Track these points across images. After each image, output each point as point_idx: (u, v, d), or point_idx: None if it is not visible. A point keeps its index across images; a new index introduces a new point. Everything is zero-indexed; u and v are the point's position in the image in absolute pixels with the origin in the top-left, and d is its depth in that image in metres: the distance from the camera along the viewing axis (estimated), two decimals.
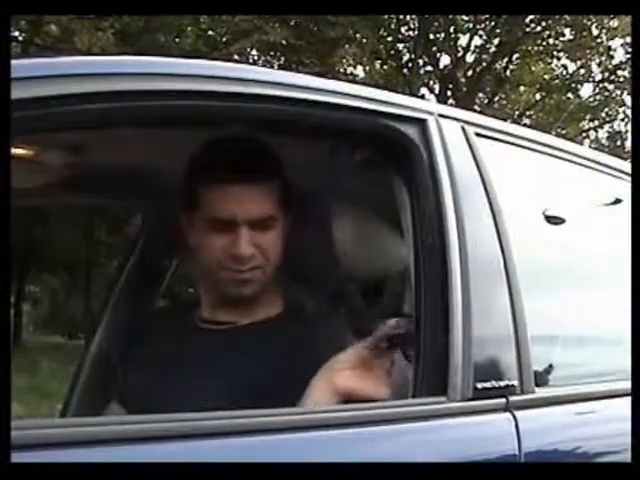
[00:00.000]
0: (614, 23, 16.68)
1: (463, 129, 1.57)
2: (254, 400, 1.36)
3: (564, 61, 18.30)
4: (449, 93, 17.23)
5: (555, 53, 18.11)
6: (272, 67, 14.58)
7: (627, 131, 18.82)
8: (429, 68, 17.79)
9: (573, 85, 18.60)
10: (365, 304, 1.63)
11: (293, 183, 1.59)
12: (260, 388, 1.42)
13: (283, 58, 15.76)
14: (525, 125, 16.14)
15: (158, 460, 1.06)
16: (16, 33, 13.90)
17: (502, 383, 1.41)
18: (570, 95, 18.96)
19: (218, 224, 1.52)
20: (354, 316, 1.49)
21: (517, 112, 19.46)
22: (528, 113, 19.79)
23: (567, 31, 17.33)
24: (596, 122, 20.03)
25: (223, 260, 1.54)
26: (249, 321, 1.58)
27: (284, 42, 14.01)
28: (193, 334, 1.61)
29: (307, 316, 1.59)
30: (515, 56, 18.06)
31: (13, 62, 1.09)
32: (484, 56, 17.57)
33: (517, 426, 1.39)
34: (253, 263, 1.54)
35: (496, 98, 19.16)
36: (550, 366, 1.64)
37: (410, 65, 17.24)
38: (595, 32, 17.26)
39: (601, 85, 18.46)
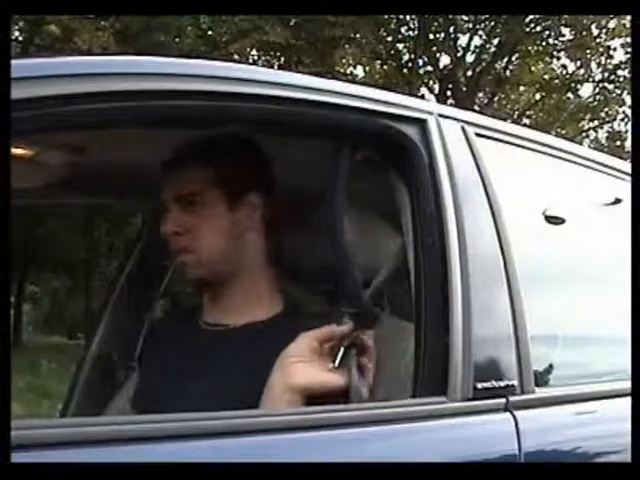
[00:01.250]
0: (613, 23, 16.68)
1: (463, 129, 1.57)
2: (247, 402, 1.36)
3: (564, 61, 18.32)
4: (449, 93, 17.23)
5: (555, 53, 18.11)
6: (272, 67, 14.59)
7: (627, 131, 18.82)
8: (429, 68, 17.80)
9: (573, 85, 18.61)
10: (364, 304, 1.63)
11: (252, 166, 1.59)
12: (253, 390, 1.42)
13: (283, 58, 15.77)
14: (525, 125, 16.14)
15: (158, 460, 1.06)
16: (16, 33, 13.91)
17: (502, 383, 1.41)
18: (570, 95, 18.97)
19: (161, 212, 1.59)
20: (353, 316, 1.48)
21: (517, 112, 19.48)
22: (528, 113, 19.80)
23: (567, 31, 17.34)
24: (596, 122, 20.03)
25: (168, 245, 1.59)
26: (245, 322, 1.57)
27: (284, 42, 14.00)
28: (196, 336, 1.61)
29: (306, 317, 1.58)
30: (515, 56, 18.06)
31: (13, 62, 1.09)
32: (484, 56, 17.57)
33: (517, 426, 1.39)
34: (181, 243, 1.56)
35: (496, 98, 19.17)
36: (550, 366, 1.65)
37: (410, 65, 17.25)
38: (595, 32, 17.26)
39: (601, 85, 18.46)
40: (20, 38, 14.38)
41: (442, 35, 17.28)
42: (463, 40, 17.44)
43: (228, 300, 1.59)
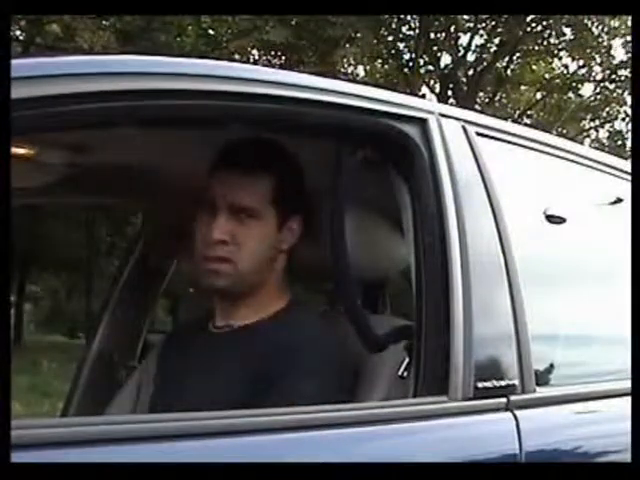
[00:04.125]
0: (615, 22, 16.67)
1: (464, 128, 1.57)
2: (255, 397, 1.37)
3: (565, 60, 18.32)
4: (450, 92, 17.21)
5: (556, 52, 18.10)
6: (273, 66, 14.58)
7: (628, 131, 18.80)
8: (430, 67, 17.78)
9: (574, 84, 18.60)
10: (365, 303, 1.63)
11: (300, 190, 1.58)
12: (254, 389, 1.42)
13: (284, 57, 15.76)
14: (526, 124, 16.12)
15: (158, 460, 1.06)
16: (17, 32, 13.91)
17: (503, 382, 1.41)
18: (571, 94, 18.96)
19: (205, 208, 1.55)
20: (354, 315, 1.48)
21: (518, 111, 19.46)
22: (529, 112, 19.79)
23: (568, 30, 17.31)
24: (597, 121, 20.03)
25: (201, 247, 1.55)
26: (251, 321, 1.57)
27: (285, 41, 14.00)
28: (206, 341, 1.61)
29: (307, 310, 1.58)
30: (516, 55, 18.05)
31: (14, 61, 1.09)
32: (485, 55, 17.55)
33: (518, 426, 1.39)
34: (223, 252, 1.53)
35: (497, 97, 19.16)
36: (551, 365, 1.65)
37: (411, 64, 17.22)
38: (596, 31, 17.25)
39: (602, 84, 18.45)
40: (21, 37, 14.38)
41: (443, 34, 17.27)
42: (464, 39, 17.44)
43: (239, 305, 1.58)
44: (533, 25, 16.93)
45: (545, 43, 17.71)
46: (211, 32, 15.37)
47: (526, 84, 19.29)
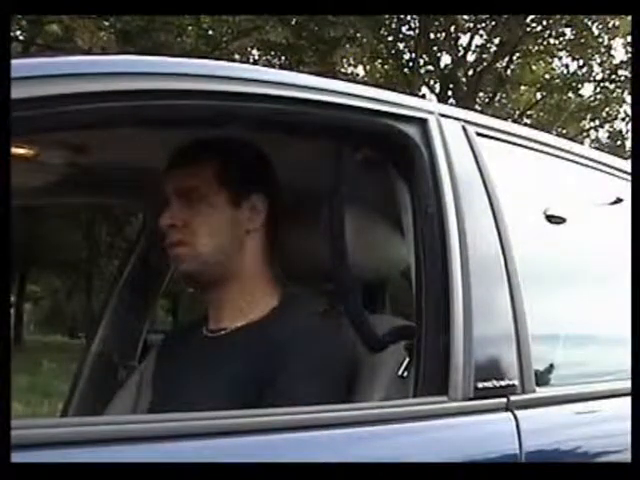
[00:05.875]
0: (615, 22, 16.67)
1: (464, 128, 1.57)
2: (250, 401, 1.37)
3: (565, 60, 18.32)
4: (450, 92, 17.22)
5: (556, 52, 18.11)
6: (273, 66, 14.58)
7: (628, 131, 18.82)
8: (430, 67, 17.79)
9: (574, 84, 18.60)
10: (365, 303, 1.63)
11: (257, 170, 1.59)
12: (255, 388, 1.43)
13: (284, 57, 15.77)
14: (526, 125, 16.13)
15: (158, 460, 1.06)
16: (17, 32, 13.91)
17: (503, 382, 1.41)
18: (571, 94, 18.97)
19: (164, 208, 1.59)
20: (354, 315, 1.48)
21: (518, 111, 19.47)
22: (529, 112, 19.80)
23: (568, 30, 17.33)
24: (597, 121, 20.04)
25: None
26: (243, 323, 1.57)
27: (285, 41, 14.01)
28: (199, 345, 1.61)
29: (301, 310, 1.58)
30: (516, 55, 18.06)
31: (14, 61, 1.09)
32: (485, 55, 17.56)
33: (518, 426, 1.39)
34: (177, 237, 1.55)
35: (497, 97, 19.17)
36: (551, 365, 1.65)
37: (411, 64, 17.24)
38: (596, 31, 17.26)
39: (602, 84, 18.46)
40: (21, 37, 14.39)
41: (443, 34, 17.28)
42: (464, 40, 17.46)
43: (227, 304, 1.59)
44: (533, 25, 16.93)
45: (545, 43, 17.72)
46: (211, 32, 15.37)
47: (526, 84, 19.29)
